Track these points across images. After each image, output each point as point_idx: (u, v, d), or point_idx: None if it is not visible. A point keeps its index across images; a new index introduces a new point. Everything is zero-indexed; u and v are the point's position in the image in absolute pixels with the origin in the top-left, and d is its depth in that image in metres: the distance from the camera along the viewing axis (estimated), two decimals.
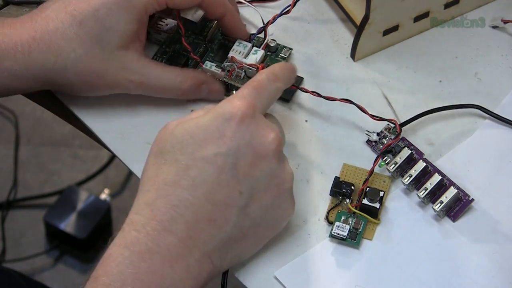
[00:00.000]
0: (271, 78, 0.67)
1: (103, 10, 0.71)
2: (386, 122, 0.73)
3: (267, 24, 0.78)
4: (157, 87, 0.74)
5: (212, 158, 0.62)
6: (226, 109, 0.63)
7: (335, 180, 0.70)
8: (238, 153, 0.62)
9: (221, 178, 0.62)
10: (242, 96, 0.64)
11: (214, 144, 0.62)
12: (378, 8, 0.75)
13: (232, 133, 0.62)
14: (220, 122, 0.63)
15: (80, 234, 1.49)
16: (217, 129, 0.63)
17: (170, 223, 0.61)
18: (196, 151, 0.62)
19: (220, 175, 0.62)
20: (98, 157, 1.62)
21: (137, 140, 0.75)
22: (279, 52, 0.78)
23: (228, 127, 0.63)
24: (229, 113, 0.63)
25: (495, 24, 0.80)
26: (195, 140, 0.63)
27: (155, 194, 0.62)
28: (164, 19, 0.79)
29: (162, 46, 0.79)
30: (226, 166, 0.62)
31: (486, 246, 0.68)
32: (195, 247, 0.61)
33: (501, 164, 0.72)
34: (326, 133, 0.74)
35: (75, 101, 0.77)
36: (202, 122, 0.63)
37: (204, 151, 0.62)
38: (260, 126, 0.64)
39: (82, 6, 0.71)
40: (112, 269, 0.59)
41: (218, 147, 0.62)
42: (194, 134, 0.63)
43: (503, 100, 0.75)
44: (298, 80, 0.77)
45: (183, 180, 0.62)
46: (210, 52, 0.79)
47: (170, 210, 0.61)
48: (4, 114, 1.66)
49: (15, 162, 1.61)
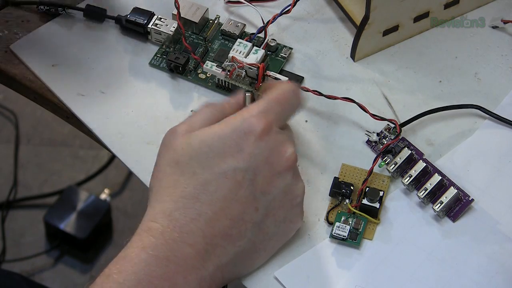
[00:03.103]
0: (293, 91, 0.67)
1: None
2: (386, 122, 0.73)
3: (267, 23, 0.78)
4: None
5: (231, 174, 0.62)
6: (245, 123, 0.63)
7: (334, 180, 0.70)
8: (257, 170, 0.63)
9: (239, 195, 0.62)
10: (262, 109, 0.64)
11: (233, 159, 0.62)
12: (378, 8, 0.75)
13: (251, 149, 0.62)
14: (239, 136, 0.63)
15: (80, 234, 1.49)
16: (236, 143, 0.62)
17: (188, 235, 0.61)
18: (215, 165, 0.62)
19: (239, 191, 0.62)
20: (98, 157, 1.62)
21: (136, 140, 0.75)
22: (279, 52, 0.78)
23: (247, 142, 0.63)
24: (249, 128, 0.63)
25: (495, 24, 0.80)
26: (213, 153, 0.62)
27: (173, 206, 0.62)
28: (164, 19, 0.79)
29: (162, 46, 0.79)
30: (244, 182, 0.62)
31: (486, 246, 0.68)
32: (209, 260, 0.62)
33: (501, 164, 0.72)
34: (326, 133, 0.74)
35: (75, 101, 0.77)
36: (221, 134, 0.63)
37: (222, 165, 0.62)
38: (278, 142, 0.64)
39: None
40: (126, 268, 0.60)
41: (237, 162, 0.62)
42: (212, 146, 0.63)
43: (503, 100, 0.75)
44: (299, 79, 0.77)
45: (202, 195, 0.62)
46: (210, 52, 0.79)
47: (190, 223, 0.61)
48: (4, 114, 1.66)
49: (15, 162, 1.61)
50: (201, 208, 0.62)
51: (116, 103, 0.77)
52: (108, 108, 0.76)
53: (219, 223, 0.62)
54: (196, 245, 0.61)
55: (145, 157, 0.73)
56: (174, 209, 0.62)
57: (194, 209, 0.62)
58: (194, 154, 0.63)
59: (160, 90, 0.77)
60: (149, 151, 0.73)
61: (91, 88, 0.78)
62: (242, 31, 0.79)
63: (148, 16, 0.79)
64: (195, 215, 0.61)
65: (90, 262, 1.51)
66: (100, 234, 1.51)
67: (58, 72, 0.78)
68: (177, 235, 0.61)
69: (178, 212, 0.61)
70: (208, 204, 0.62)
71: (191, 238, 0.61)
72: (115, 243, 1.52)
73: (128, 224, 1.53)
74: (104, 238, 1.52)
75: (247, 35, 0.79)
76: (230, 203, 0.62)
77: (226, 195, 0.62)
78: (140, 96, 0.77)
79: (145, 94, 0.77)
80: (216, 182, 0.62)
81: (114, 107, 0.77)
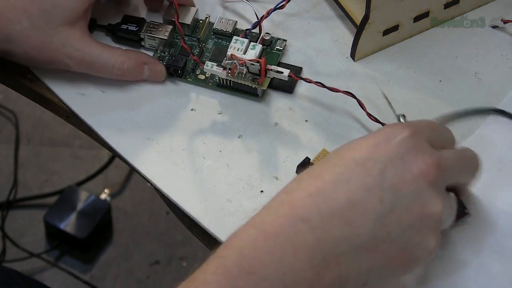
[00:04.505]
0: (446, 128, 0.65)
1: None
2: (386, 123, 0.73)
3: (261, 18, 0.78)
4: (98, 65, 0.75)
5: (361, 162, 0.59)
6: (396, 127, 0.61)
7: None
8: (390, 163, 0.59)
9: (365, 180, 0.59)
10: (414, 124, 0.62)
11: (367, 150, 0.60)
12: (378, 8, 0.75)
13: (390, 146, 0.60)
14: (380, 135, 0.61)
15: (80, 234, 1.49)
16: (375, 140, 0.60)
17: (303, 210, 0.58)
18: (347, 152, 0.60)
19: (366, 178, 0.59)
20: (98, 157, 1.62)
21: (137, 136, 0.75)
22: (274, 45, 0.79)
23: (388, 141, 0.60)
24: (393, 130, 0.61)
25: (495, 24, 0.80)
26: (348, 145, 0.61)
27: (294, 184, 0.60)
28: (156, 24, 0.79)
29: (157, 51, 0.79)
30: (374, 170, 0.59)
31: (486, 246, 0.68)
32: (324, 241, 0.58)
33: (500, 164, 0.72)
34: (326, 133, 0.74)
35: (75, 100, 0.77)
36: (364, 137, 0.62)
37: (355, 153, 0.60)
38: (421, 149, 0.60)
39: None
40: (232, 244, 0.58)
41: (370, 153, 0.60)
42: (350, 142, 0.61)
43: (503, 100, 0.75)
44: (297, 70, 0.77)
45: (326, 174, 0.59)
46: (206, 52, 0.79)
47: (307, 199, 0.58)
48: (4, 114, 1.67)
49: (15, 162, 1.61)
50: (322, 186, 0.59)
51: (116, 100, 0.77)
52: (107, 105, 0.77)
53: (339, 205, 0.58)
54: (310, 221, 0.58)
55: (144, 151, 0.74)
56: (294, 188, 0.59)
57: (314, 186, 0.59)
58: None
59: (160, 94, 0.77)
60: (149, 146, 0.73)
61: (91, 88, 0.78)
62: (234, 28, 0.79)
63: (140, 22, 0.79)
64: (314, 191, 0.59)
65: (90, 262, 1.51)
66: (100, 234, 1.51)
67: (58, 72, 0.78)
68: (290, 210, 0.58)
69: (297, 190, 0.59)
70: (331, 183, 0.59)
71: (305, 213, 0.58)
72: (115, 243, 1.53)
73: (128, 224, 1.53)
74: (104, 238, 1.52)
75: (240, 31, 0.79)
76: (355, 187, 0.59)
77: (351, 178, 0.59)
78: (140, 97, 0.77)
79: (145, 97, 0.77)
80: (344, 165, 0.59)
81: (113, 104, 0.77)
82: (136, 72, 0.76)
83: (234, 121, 0.75)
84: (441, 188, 0.60)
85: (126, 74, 0.76)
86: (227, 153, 0.73)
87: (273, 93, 0.77)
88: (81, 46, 0.74)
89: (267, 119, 0.75)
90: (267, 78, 0.75)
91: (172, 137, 0.74)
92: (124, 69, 0.76)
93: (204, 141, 0.74)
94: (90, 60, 0.75)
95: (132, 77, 0.77)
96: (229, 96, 0.77)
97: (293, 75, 0.73)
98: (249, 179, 0.72)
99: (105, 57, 0.75)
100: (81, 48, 0.74)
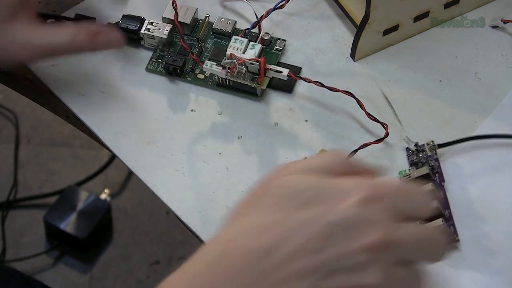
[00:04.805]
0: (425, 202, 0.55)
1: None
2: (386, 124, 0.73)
3: (261, 18, 0.78)
4: (53, 47, 0.73)
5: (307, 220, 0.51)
6: (352, 183, 0.52)
7: None
8: (335, 229, 0.51)
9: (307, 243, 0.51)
10: (381, 183, 0.53)
11: (317, 210, 0.52)
12: (378, 8, 0.75)
13: (341, 208, 0.51)
14: (337, 192, 0.52)
15: (80, 234, 1.49)
16: (328, 197, 0.52)
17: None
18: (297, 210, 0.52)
19: (308, 240, 0.51)
20: (98, 157, 1.62)
21: (136, 140, 0.75)
22: (273, 45, 0.79)
23: (343, 201, 0.51)
24: (353, 188, 0.52)
25: (495, 24, 0.80)
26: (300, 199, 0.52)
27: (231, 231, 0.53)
28: (155, 23, 0.79)
29: (156, 51, 0.79)
30: (317, 235, 0.50)
31: (485, 246, 0.68)
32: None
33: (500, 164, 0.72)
34: (326, 133, 0.74)
35: (75, 101, 0.77)
36: (319, 182, 0.53)
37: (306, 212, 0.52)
38: (376, 219, 0.51)
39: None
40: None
41: (315, 216, 0.51)
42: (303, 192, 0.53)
43: (503, 100, 0.75)
44: (297, 70, 0.77)
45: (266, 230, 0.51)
46: (205, 52, 0.79)
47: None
48: (4, 114, 1.66)
49: (15, 162, 1.61)
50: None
51: (116, 102, 0.77)
52: (107, 107, 0.76)
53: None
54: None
55: (145, 156, 0.73)
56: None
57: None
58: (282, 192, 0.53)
59: (159, 94, 0.77)
60: (149, 151, 0.73)
61: (91, 88, 0.78)
62: (233, 27, 0.79)
63: (139, 21, 0.79)
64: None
65: (90, 262, 1.51)
66: (100, 234, 1.51)
67: (58, 71, 0.78)
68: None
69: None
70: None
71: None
72: (115, 243, 1.52)
73: (128, 224, 1.53)
74: (104, 238, 1.52)
75: (239, 31, 0.79)
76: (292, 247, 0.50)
77: (293, 235, 0.51)
78: (140, 98, 0.77)
79: (144, 98, 0.77)
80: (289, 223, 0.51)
81: (113, 106, 0.77)
82: (92, 44, 0.73)
83: (234, 121, 0.75)
84: (388, 265, 0.51)
85: (82, 46, 0.73)
86: (227, 155, 0.73)
87: (273, 93, 0.77)
88: (30, 35, 0.72)
89: (267, 119, 0.75)
90: (266, 78, 0.75)
91: (172, 140, 0.74)
92: (79, 42, 0.73)
93: (204, 143, 0.74)
94: (42, 45, 0.72)
95: (89, 48, 0.74)
96: (228, 96, 0.77)
97: (293, 74, 0.73)
98: (249, 181, 0.72)
99: (57, 37, 0.73)
100: (31, 37, 0.72)
